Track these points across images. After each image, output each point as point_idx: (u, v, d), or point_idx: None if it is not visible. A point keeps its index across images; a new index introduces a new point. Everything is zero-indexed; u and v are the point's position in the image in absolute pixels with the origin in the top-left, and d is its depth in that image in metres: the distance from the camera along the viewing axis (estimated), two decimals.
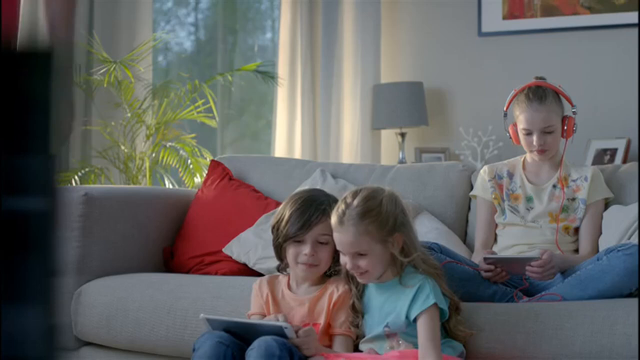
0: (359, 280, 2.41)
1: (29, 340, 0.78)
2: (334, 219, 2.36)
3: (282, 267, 2.53)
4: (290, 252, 2.45)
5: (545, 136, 2.91)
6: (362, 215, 2.32)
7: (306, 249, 2.43)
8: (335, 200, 2.43)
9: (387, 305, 2.39)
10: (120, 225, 3.07)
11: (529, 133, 2.91)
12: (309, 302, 2.46)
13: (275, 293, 2.50)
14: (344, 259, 2.37)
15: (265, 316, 2.49)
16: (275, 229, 2.48)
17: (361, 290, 2.45)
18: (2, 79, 0.78)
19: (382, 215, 2.33)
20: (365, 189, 2.39)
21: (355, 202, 2.34)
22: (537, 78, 3.00)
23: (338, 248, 2.38)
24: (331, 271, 2.51)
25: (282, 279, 2.54)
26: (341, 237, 2.35)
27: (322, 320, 2.44)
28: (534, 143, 2.90)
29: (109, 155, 4.57)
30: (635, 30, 4.44)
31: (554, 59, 4.79)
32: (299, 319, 2.44)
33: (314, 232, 2.42)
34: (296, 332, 2.31)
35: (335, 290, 2.45)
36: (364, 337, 2.43)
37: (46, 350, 0.79)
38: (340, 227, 2.34)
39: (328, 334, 2.45)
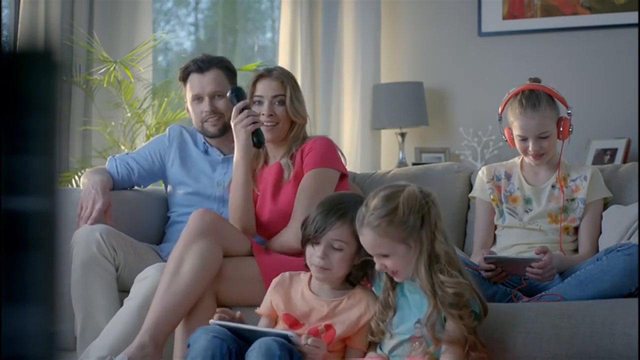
0: (394, 279, 2.37)
1: (29, 341, 0.78)
2: (356, 221, 2.35)
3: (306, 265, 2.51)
4: (307, 252, 2.45)
5: (540, 141, 2.90)
6: (378, 218, 2.29)
7: (318, 252, 2.41)
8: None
9: (419, 303, 2.36)
10: (120, 226, 3.07)
11: (524, 139, 2.91)
12: (329, 306, 2.44)
13: (293, 292, 2.48)
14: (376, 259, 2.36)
15: (271, 316, 2.50)
16: (303, 228, 2.47)
17: (395, 285, 2.40)
18: (2, 79, 0.78)
19: (399, 217, 2.28)
20: (387, 189, 2.35)
21: (374, 203, 2.31)
22: (531, 79, 2.97)
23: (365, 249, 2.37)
24: (355, 277, 2.48)
25: (304, 277, 2.51)
26: (363, 240, 2.34)
27: (340, 331, 2.42)
28: (530, 149, 2.90)
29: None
30: (635, 30, 4.44)
31: (554, 59, 4.79)
32: (315, 319, 2.43)
33: (328, 236, 2.40)
34: (306, 340, 2.29)
35: (368, 311, 2.42)
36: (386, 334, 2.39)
37: (46, 350, 0.79)
38: (360, 230, 2.33)
39: (343, 342, 2.45)
